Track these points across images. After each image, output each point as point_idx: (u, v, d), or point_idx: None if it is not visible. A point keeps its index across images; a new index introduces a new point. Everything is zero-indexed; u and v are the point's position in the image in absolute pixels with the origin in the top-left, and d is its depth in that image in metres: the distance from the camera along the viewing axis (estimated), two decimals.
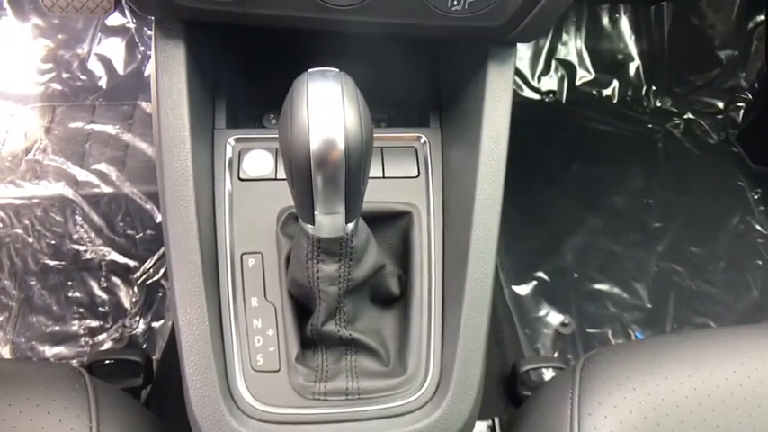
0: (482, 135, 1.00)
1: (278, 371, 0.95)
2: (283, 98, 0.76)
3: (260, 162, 1.07)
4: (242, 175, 1.06)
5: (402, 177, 1.09)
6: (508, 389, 1.71)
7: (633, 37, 2.66)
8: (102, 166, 2.13)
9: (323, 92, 0.72)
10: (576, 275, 2.11)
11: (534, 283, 2.08)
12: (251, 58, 1.20)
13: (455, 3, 0.89)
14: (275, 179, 1.06)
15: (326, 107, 0.72)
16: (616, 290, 2.09)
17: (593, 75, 2.63)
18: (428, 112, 1.18)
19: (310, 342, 0.96)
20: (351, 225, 0.83)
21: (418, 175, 1.10)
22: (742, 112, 2.57)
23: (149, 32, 2.32)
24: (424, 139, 1.13)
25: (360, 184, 0.78)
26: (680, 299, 2.08)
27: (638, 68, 2.65)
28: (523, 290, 2.06)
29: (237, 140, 1.09)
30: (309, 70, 0.75)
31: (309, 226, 0.82)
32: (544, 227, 2.22)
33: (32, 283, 1.94)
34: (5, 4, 2.40)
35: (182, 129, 0.95)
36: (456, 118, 1.11)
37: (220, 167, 1.06)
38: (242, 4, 0.89)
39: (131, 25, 2.42)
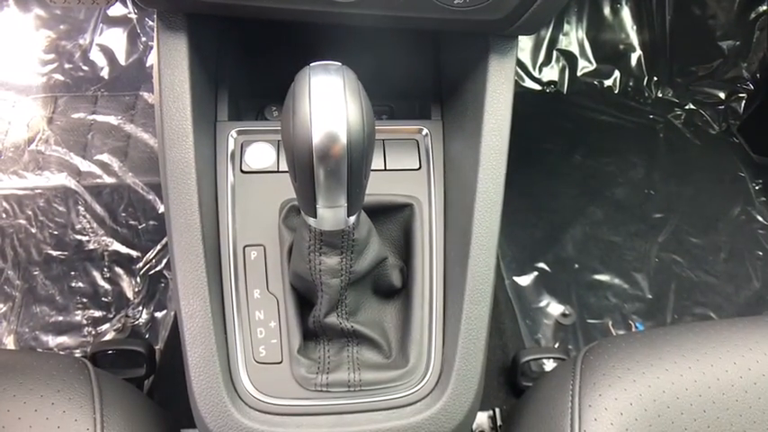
0: (483, 127, 1.00)
1: (280, 362, 0.96)
2: (285, 90, 0.76)
3: (262, 154, 1.08)
4: (244, 168, 1.06)
5: (404, 170, 1.10)
6: (509, 379, 1.72)
7: (635, 27, 2.66)
8: (105, 157, 2.14)
9: (325, 86, 0.73)
10: (576, 266, 2.11)
11: (535, 273, 2.08)
12: (253, 50, 1.20)
13: None
14: (277, 171, 1.07)
15: (329, 101, 0.72)
16: (617, 280, 2.10)
17: (595, 65, 2.63)
18: (429, 104, 1.18)
19: (312, 334, 0.97)
20: (353, 218, 0.83)
21: (420, 167, 1.10)
22: (743, 102, 2.57)
23: (151, 23, 2.32)
24: (425, 131, 1.13)
25: (362, 177, 0.78)
26: (680, 289, 2.09)
27: (639, 59, 2.65)
28: (524, 280, 2.06)
29: (240, 133, 1.09)
30: (312, 64, 0.75)
31: (311, 219, 0.82)
32: (545, 217, 2.22)
33: (35, 273, 1.95)
34: None
35: (184, 121, 0.96)
36: (457, 110, 1.11)
37: (222, 160, 1.06)
38: None
39: (133, 16, 2.42)
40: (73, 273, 1.96)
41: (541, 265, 2.10)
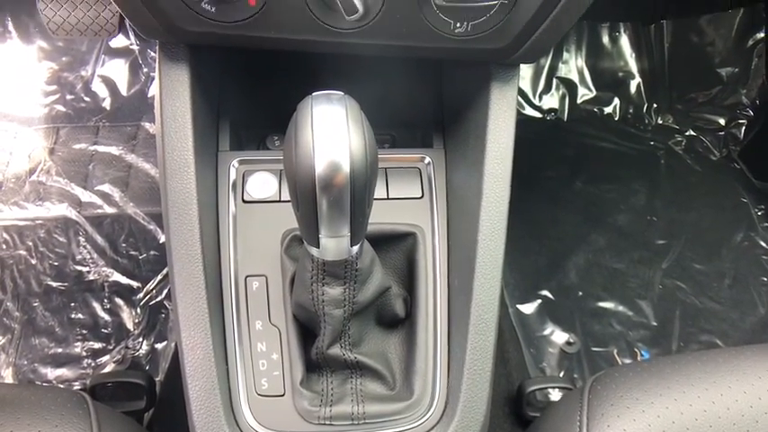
0: (486, 156, 1.00)
1: (282, 395, 0.95)
2: (287, 119, 0.76)
3: (264, 184, 1.07)
4: (246, 197, 1.06)
5: (406, 198, 1.09)
6: (514, 409, 1.70)
7: (633, 55, 2.67)
8: (106, 187, 2.14)
9: (327, 115, 0.72)
10: (580, 294, 2.10)
11: (539, 301, 2.06)
12: (254, 80, 1.20)
13: (458, 25, 0.89)
14: (279, 201, 1.06)
15: (331, 130, 0.71)
16: (621, 308, 2.08)
17: (595, 93, 2.64)
18: (432, 133, 1.18)
19: (315, 365, 0.96)
20: (356, 248, 0.83)
21: (422, 195, 1.09)
22: (744, 128, 2.57)
23: (153, 54, 2.33)
24: (427, 159, 1.13)
25: (365, 206, 0.78)
26: (685, 316, 2.07)
27: (638, 86, 2.66)
28: (528, 308, 2.04)
29: (241, 162, 1.09)
30: (314, 93, 0.75)
31: (314, 249, 0.82)
32: (547, 245, 2.21)
33: (35, 304, 1.93)
34: (10, 27, 2.41)
35: (186, 152, 0.95)
36: (460, 139, 1.11)
37: (224, 190, 1.06)
38: (246, 28, 0.90)
39: (135, 47, 2.43)
40: (73, 304, 1.94)
41: (545, 292, 2.09)
